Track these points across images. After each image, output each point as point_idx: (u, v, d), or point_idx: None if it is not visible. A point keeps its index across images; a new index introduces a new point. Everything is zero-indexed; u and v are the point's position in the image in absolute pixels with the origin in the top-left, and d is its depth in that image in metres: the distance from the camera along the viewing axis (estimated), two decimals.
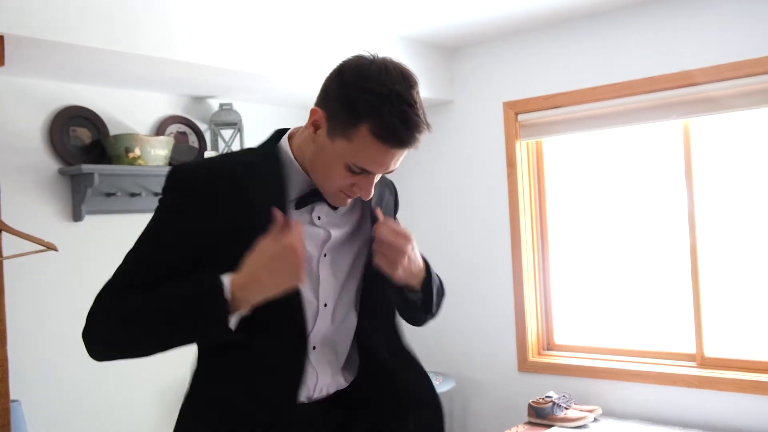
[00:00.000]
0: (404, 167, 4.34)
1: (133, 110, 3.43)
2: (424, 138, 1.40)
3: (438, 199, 4.34)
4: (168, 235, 1.47)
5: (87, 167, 3.02)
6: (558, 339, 4.01)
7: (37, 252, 2.68)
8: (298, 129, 1.56)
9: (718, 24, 3.33)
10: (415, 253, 1.55)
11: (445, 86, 4.21)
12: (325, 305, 1.55)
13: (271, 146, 1.55)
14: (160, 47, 2.85)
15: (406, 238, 1.50)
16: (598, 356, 3.80)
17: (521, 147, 4.01)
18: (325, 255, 1.55)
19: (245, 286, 1.35)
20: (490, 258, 4.11)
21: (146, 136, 3.23)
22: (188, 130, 3.63)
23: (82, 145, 3.22)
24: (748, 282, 3.41)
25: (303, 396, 1.52)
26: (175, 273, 1.45)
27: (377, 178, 1.48)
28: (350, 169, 1.42)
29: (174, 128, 3.58)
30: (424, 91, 4.01)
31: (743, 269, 3.42)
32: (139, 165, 3.18)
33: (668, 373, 3.48)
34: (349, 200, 1.52)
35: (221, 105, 3.65)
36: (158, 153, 3.26)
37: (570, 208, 3.97)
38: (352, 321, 1.62)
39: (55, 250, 2.71)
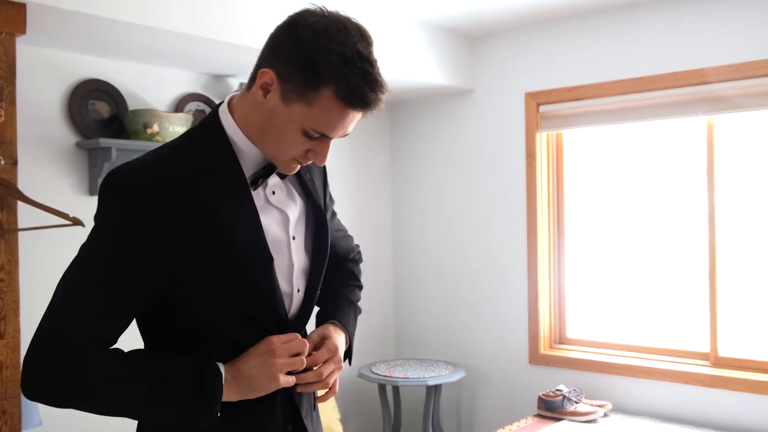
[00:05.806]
0: (422, 154, 4.34)
1: (152, 86, 3.42)
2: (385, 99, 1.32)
3: (455, 188, 4.30)
4: (129, 258, 1.27)
5: (105, 141, 3.02)
6: (570, 333, 3.98)
7: (61, 226, 2.64)
8: (234, 97, 1.42)
9: (747, 21, 3.27)
10: (340, 354, 1.51)
11: (467, 75, 4.17)
12: (298, 291, 1.47)
13: (214, 125, 1.39)
14: (182, 23, 2.84)
15: (336, 361, 1.48)
16: (610, 351, 3.77)
17: (541, 138, 3.97)
18: (294, 238, 1.46)
19: (235, 378, 1.33)
20: (505, 248, 4.08)
21: (165, 112, 3.21)
22: (207, 108, 3.62)
23: (101, 119, 3.22)
24: (765, 282, 3.36)
25: None
26: (137, 304, 1.31)
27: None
28: (307, 135, 1.32)
29: (193, 106, 3.57)
30: (444, 79, 4.00)
31: (761, 270, 3.37)
32: (157, 141, 3.17)
33: (681, 371, 3.45)
34: (299, 167, 1.41)
35: (241, 84, 3.63)
36: (176, 130, 3.25)
37: (588, 201, 3.93)
38: (313, 305, 1.55)
39: (82, 225, 2.65)
